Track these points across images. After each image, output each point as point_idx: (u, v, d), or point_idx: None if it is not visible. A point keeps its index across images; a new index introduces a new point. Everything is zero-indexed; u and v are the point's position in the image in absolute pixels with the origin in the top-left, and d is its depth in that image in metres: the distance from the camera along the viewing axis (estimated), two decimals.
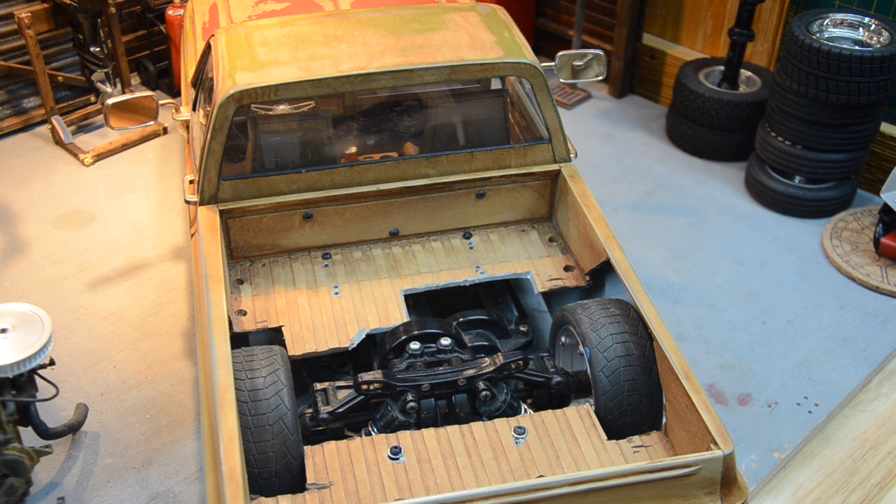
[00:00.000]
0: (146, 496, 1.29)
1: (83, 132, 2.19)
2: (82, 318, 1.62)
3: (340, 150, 1.48)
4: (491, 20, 1.46)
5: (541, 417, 1.16)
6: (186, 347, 1.56)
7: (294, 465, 1.09)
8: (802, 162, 1.86)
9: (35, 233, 1.84)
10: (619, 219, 1.68)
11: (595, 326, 1.20)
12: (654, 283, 1.66)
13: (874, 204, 1.90)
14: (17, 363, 1.21)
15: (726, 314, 1.66)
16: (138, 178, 2.02)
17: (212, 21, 1.75)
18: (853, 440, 1.42)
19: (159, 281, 1.71)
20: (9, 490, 1.21)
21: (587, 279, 1.39)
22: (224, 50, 1.38)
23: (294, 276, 1.38)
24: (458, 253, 1.42)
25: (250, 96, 1.30)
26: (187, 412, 1.43)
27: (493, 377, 1.20)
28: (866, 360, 1.56)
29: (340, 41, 1.39)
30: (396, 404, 1.18)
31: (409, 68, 1.33)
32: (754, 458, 1.36)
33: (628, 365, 1.17)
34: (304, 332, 1.28)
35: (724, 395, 1.48)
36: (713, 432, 1.03)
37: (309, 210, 1.40)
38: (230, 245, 1.40)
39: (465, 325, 1.34)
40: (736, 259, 1.80)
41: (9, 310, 1.27)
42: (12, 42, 2.11)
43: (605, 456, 1.11)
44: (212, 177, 1.34)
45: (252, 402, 1.09)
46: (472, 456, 1.10)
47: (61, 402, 1.40)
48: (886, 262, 1.76)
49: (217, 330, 1.15)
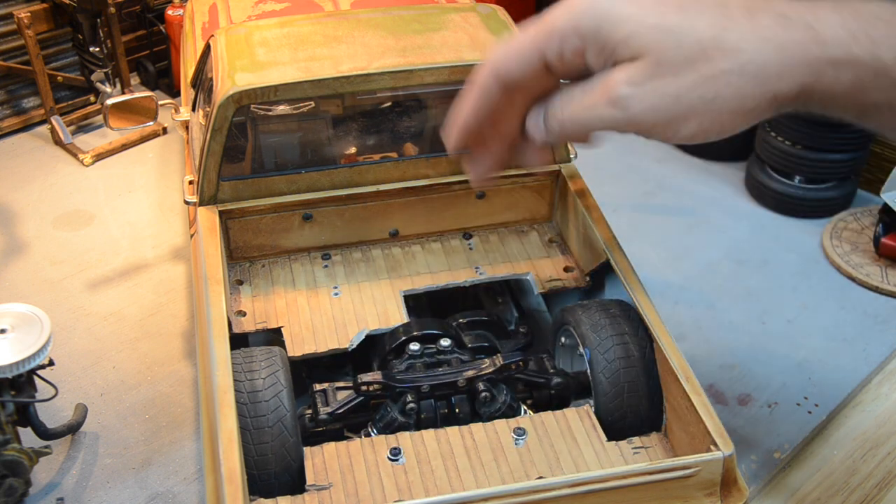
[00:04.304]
0: (145, 497, 1.29)
1: (83, 132, 2.18)
2: (82, 319, 1.62)
3: (340, 151, 1.47)
4: (491, 20, 1.46)
5: (540, 418, 1.16)
6: (186, 348, 1.55)
7: (293, 466, 1.09)
8: (802, 162, 1.85)
9: (34, 233, 1.84)
10: (619, 219, 1.67)
11: (595, 327, 1.20)
12: (654, 283, 1.66)
13: (874, 204, 1.90)
14: (17, 363, 1.20)
15: (726, 314, 1.65)
16: (138, 178, 2.02)
17: (211, 21, 1.75)
18: (853, 440, 1.42)
19: (159, 281, 1.71)
20: (8, 490, 1.21)
21: (587, 280, 1.38)
22: (223, 50, 1.37)
23: (294, 277, 1.38)
24: (457, 253, 1.42)
25: (250, 97, 1.30)
26: (187, 413, 1.43)
27: (493, 378, 1.20)
28: (866, 360, 1.56)
29: (340, 41, 1.39)
30: (396, 405, 1.17)
31: (408, 69, 1.33)
32: (754, 458, 1.36)
33: (628, 366, 1.17)
34: (303, 332, 1.28)
35: (724, 395, 1.48)
36: (713, 433, 1.03)
37: (308, 211, 1.39)
38: (230, 246, 1.39)
39: (465, 325, 1.34)
40: (736, 259, 1.79)
41: (8, 310, 1.26)
42: (12, 42, 2.11)
43: (604, 457, 1.11)
44: (211, 177, 1.34)
45: (251, 403, 1.09)
46: (472, 457, 1.10)
47: (60, 402, 1.39)
48: (886, 262, 1.75)
49: (216, 331, 1.15)
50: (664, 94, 0.90)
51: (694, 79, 0.89)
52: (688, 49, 0.88)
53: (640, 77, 0.91)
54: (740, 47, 0.87)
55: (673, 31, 0.89)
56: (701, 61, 0.88)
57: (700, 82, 0.89)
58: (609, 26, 0.91)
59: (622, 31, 0.91)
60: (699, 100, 0.90)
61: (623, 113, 0.93)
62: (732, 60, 0.87)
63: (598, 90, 0.93)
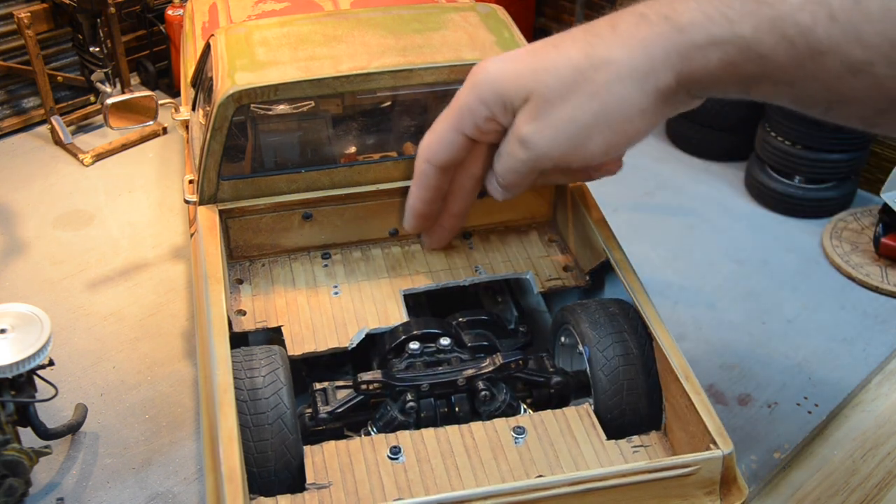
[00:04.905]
0: (145, 497, 1.29)
1: (83, 132, 2.18)
2: (82, 319, 1.62)
3: (340, 150, 1.47)
4: (490, 20, 1.46)
5: (540, 417, 1.16)
6: (186, 347, 1.55)
7: (293, 464, 1.09)
8: (802, 162, 1.86)
9: (34, 233, 1.84)
10: (619, 219, 1.67)
11: (594, 326, 1.20)
12: (653, 283, 1.66)
13: (874, 204, 1.90)
14: (16, 363, 1.20)
15: (726, 314, 1.65)
16: (138, 178, 2.02)
17: (211, 21, 1.75)
18: (853, 440, 1.42)
19: (159, 281, 1.71)
20: (8, 490, 1.21)
21: (587, 279, 1.38)
22: (223, 50, 1.38)
23: (293, 276, 1.38)
24: (457, 253, 1.42)
25: (250, 96, 1.30)
26: (187, 412, 1.43)
27: (493, 377, 1.20)
28: (866, 360, 1.56)
29: (340, 41, 1.39)
30: (396, 404, 1.17)
31: (408, 68, 1.33)
32: (754, 458, 1.36)
33: (628, 365, 1.17)
34: (303, 331, 1.28)
35: (724, 395, 1.48)
36: (713, 432, 1.03)
37: (308, 210, 1.39)
38: (230, 245, 1.39)
39: (465, 324, 1.34)
40: (736, 259, 1.79)
41: (8, 310, 1.26)
42: (11, 42, 2.11)
43: (604, 456, 1.11)
44: (211, 177, 1.34)
45: (251, 401, 1.09)
46: (472, 456, 1.10)
47: (60, 402, 1.39)
48: (886, 262, 1.75)
49: (216, 330, 1.15)
50: (558, 121, 0.99)
51: (579, 99, 0.96)
52: (566, 76, 0.96)
53: (534, 114, 0.99)
54: (609, 57, 0.94)
55: (548, 67, 0.97)
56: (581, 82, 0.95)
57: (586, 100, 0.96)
58: (500, 86, 1.01)
59: (511, 86, 1.00)
60: (591, 115, 0.97)
61: (533, 151, 1.02)
62: (606, 71, 0.94)
63: (511, 139, 1.03)
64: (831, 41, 0.82)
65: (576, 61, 0.95)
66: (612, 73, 0.93)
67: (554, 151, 1.00)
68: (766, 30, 0.85)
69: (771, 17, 0.85)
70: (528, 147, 1.01)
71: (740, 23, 0.86)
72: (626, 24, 0.94)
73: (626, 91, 0.94)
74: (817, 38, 0.83)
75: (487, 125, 1.05)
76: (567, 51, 0.96)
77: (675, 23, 0.90)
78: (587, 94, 0.94)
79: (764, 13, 0.85)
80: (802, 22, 0.83)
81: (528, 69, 0.98)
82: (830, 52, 0.83)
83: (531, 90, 0.98)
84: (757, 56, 0.87)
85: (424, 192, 1.20)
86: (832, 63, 0.83)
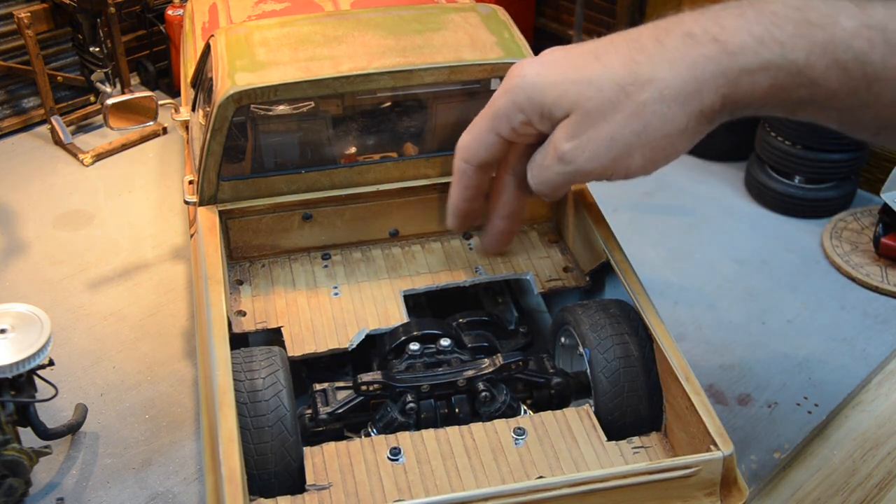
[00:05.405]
0: (145, 497, 1.29)
1: (83, 132, 2.18)
2: (82, 319, 1.62)
3: (340, 151, 1.47)
4: (491, 20, 1.46)
5: (540, 418, 1.16)
6: (186, 348, 1.55)
7: (293, 465, 1.09)
8: (802, 162, 1.85)
9: (34, 233, 1.84)
10: (619, 219, 1.68)
11: (595, 327, 1.20)
12: (654, 283, 1.66)
13: (874, 204, 1.90)
14: (16, 363, 1.21)
15: (726, 314, 1.65)
16: (138, 178, 2.02)
17: (211, 21, 1.75)
18: (853, 440, 1.42)
19: (159, 281, 1.71)
20: (8, 490, 1.21)
21: (587, 280, 1.38)
22: (223, 50, 1.38)
23: (293, 277, 1.38)
24: (457, 254, 1.42)
25: (250, 97, 1.30)
26: (187, 412, 1.43)
27: (493, 378, 1.20)
28: (866, 360, 1.56)
29: (340, 41, 1.39)
30: (396, 405, 1.17)
31: (408, 69, 1.33)
32: (754, 458, 1.36)
33: (628, 366, 1.17)
34: (303, 332, 1.28)
35: (724, 395, 1.48)
36: (713, 433, 1.03)
37: (308, 210, 1.39)
38: (230, 246, 1.39)
39: (465, 325, 1.34)
40: (736, 259, 1.79)
41: (8, 310, 1.26)
42: (11, 42, 2.11)
43: (604, 457, 1.11)
44: (211, 177, 1.34)
45: (251, 402, 1.09)
46: (472, 457, 1.10)
47: (60, 402, 1.39)
48: (886, 262, 1.75)
49: (216, 331, 1.15)
50: (599, 139, 0.95)
51: (622, 117, 0.93)
52: (609, 92, 0.93)
53: (574, 130, 0.96)
54: (655, 76, 0.91)
55: (591, 80, 0.94)
56: (623, 100, 0.93)
57: (628, 119, 0.93)
58: (538, 95, 0.98)
59: (551, 95, 0.97)
60: (632, 134, 0.94)
61: (571, 166, 1.00)
62: (650, 90, 0.91)
63: (549, 150, 1.01)
64: (888, 69, 0.79)
65: (619, 77, 0.92)
66: (655, 93, 0.91)
67: (593, 168, 0.98)
68: (819, 54, 0.82)
69: (823, 42, 0.82)
70: (566, 162, 0.98)
71: (792, 46, 0.83)
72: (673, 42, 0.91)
73: (670, 112, 0.92)
74: (873, 65, 0.80)
75: (524, 129, 1.03)
76: (610, 64, 0.93)
77: (725, 45, 0.87)
78: (629, 113, 0.92)
79: (816, 37, 0.82)
80: (858, 48, 0.80)
81: (568, 80, 0.95)
82: (886, 80, 0.80)
83: (573, 104, 0.95)
84: (808, 81, 0.84)
85: (464, 191, 1.18)
86: (887, 91, 0.81)
